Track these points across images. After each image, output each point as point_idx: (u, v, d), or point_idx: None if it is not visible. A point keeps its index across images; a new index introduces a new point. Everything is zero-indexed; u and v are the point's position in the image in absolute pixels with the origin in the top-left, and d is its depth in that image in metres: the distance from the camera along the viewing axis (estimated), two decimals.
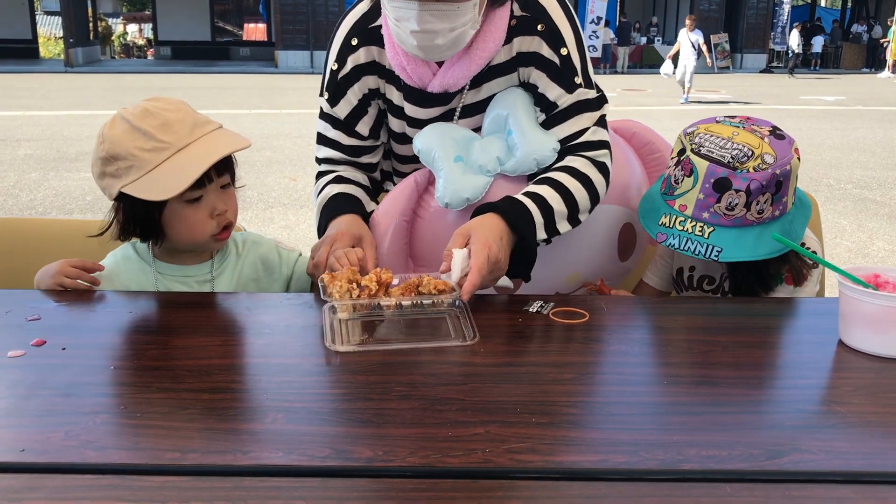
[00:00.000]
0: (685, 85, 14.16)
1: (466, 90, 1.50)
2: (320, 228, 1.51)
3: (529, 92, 1.50)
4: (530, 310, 1.29)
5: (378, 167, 1.66)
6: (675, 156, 1.46)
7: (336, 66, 1.53)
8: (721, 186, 1.38)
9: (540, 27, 1.45)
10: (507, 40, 1.45)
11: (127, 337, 1.20)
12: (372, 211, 1.54)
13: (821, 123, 11.56)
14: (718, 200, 1.39)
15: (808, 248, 1.47)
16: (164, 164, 1.32)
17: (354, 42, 1.51)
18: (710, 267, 1.55)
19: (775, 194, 1.39)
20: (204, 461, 0.83)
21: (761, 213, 1.38)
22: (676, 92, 14.39)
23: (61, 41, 25.33)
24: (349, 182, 1.58)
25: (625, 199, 1.57)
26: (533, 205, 1.38)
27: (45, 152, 8.14)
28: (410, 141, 1.55)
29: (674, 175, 1.45)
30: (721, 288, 1.56)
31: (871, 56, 26.47)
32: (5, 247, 1.70)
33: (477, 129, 1.54)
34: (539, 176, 1.45)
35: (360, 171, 1.62)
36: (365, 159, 1.61)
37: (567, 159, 1.46)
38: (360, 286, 1.25)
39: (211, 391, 0.99)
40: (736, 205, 1.37)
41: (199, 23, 26.82)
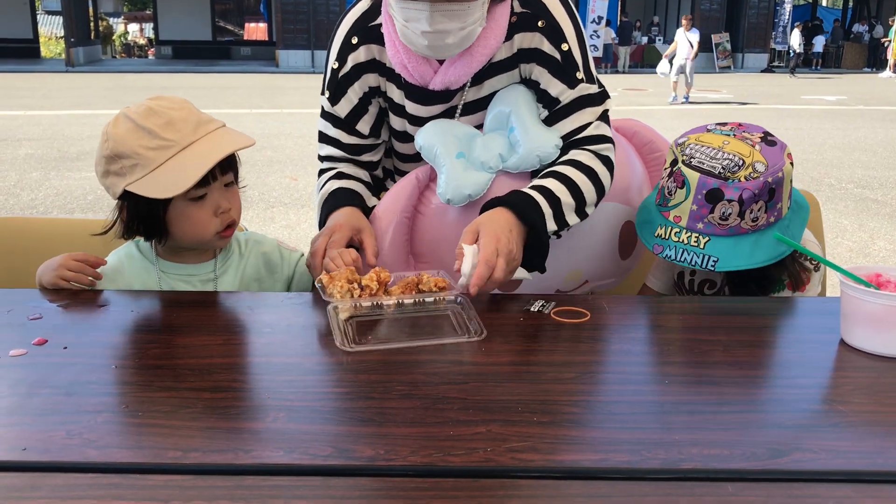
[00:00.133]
0: (686, 83, 14.10)
1: (468, 87, 1.50)
2: (321, 222, 1.52)
3: (531, 88, 1.50)
4: (532, 309, 1.29)
5: (379, 165, 1.66)
6: (668, 167, 1.46)
7: (336, 65, 1.54)
8: (713, 197, 1.38)
9: (540, 23, 1.45)
10: (508, 37, 1.46)
11: (129, 336, 1.20)
12: (373, 206, 1.54)
13: (822, 123, 11.56)
14: (712, 211, 1.39)
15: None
16: (169, 163, 1.32)
17: (354, 41, 1.51)
18: (710, 272, 1.55)
19: (769, 202, 1.39)
20: (205, 460, 0.83)
21: (756, 221, 1.39)
22: (680, 91, 14.33)
23: (62, 41, 25.34)
24: (350, 178, 1.58)
25: (626, 197, 1.57)
26: (540, 196, 1.38)
27: (46, 152, 8.15)
28: (411, 139, 1.56)
29: (667, 187, 1.46)
30: (722, 292, 1.55)
31: (872, 56, 26.45)
32: (6, 246, 1.70)
33: (479, 127, 1.54)
34: (543, 171, 1.45)
35: (361, 168, 1.62)
36: (365, 157, 1.61)
37: (571, 153, 1.46)
38: (361, 286, 1.25)
39: (212, 390, 0.99)
40: (729, 214, 1.38)
41: (200, 22, 26.82)
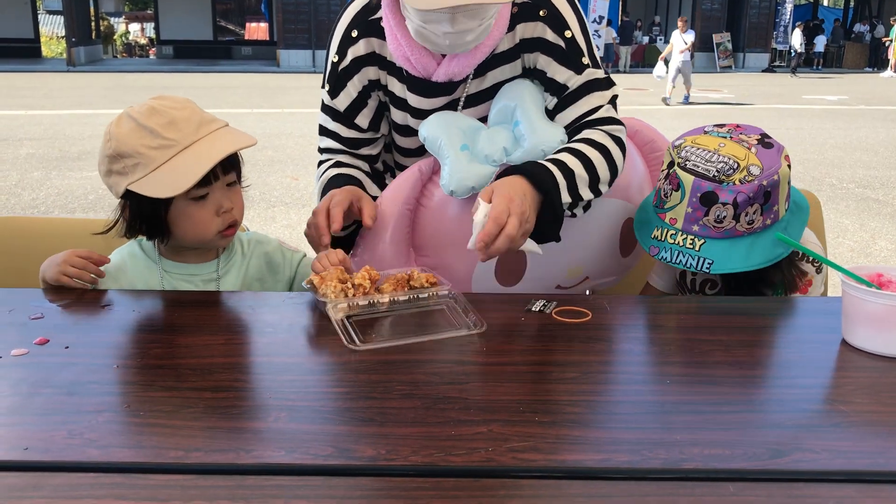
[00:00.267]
0: (683, 84, 14.00)
1: (470, 80, 1.50)
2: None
3: (537, 79, 1.50)
4: (533, 309, 1.29)
5: (378, 158, 1.66)
6: (665, 169, 1.47)
7: (336, 59, 1.54)
8: (708, 200, 1.38)
9: (542, 13, 1.46)
10: (510, 27, 1.46)
11: (130, 335, 1.21)
12: (372, 196, 1.54)
13: (823, 123, 11.55)
14: (706, 214, 1.39)
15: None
16: (170, 162, 1.32)
17: (354, 34, 1.52)
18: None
19: (764, 204, 1.38)
20: (207, 460, 0.83)
21: (751, 224, 1.39)
22: (679, 91, 14.29)
23: (63, 40, 25.36)
24: (349, 166, 1.59)
25: (627, 195, 1.57)
26: (555, 167, 1.37)
27: (47, 151, 8.15)
28: (413, 133, 1.56)
29: (663, 189, 1.46)
30: (724, 291, 1.55)
31: (873, 55, 26.43)
32: (8, 246, 1.70)
33: (481, 119, 1.53)
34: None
35: (360, 160, 1.63)
36: (364, 151, 1.61)
37: (584, 132, 1.46)
38: (354, 285, 1.26)
39: (214, 390, 0.99)
40: (724, 217, 1.38)
41: (201, 22, 26.83)
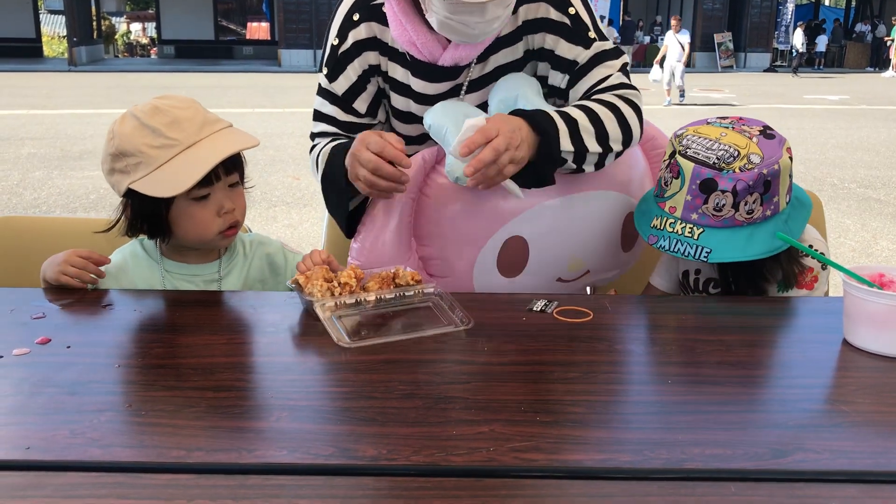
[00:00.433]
0: (676, 86, 13.75)
1: (473, 65, 1.51)
2: (334, 168, 1.46)
3: (544, 58, 1.51)
4: (534, 308, 1.29)
5: None
6: (667, 158, 1.46)
7: (336, 42, 1.52)
8: (707, 187, 1.37)
9: None
10: (513, 10, 1.46)
11: (132, 335, 1.21)
12: None
13: (824, 123, 11.54)
14: (706, 202, 1.38)
15: (814, 249, 1.46)
16: (172, 162, 1.33)
17: (356, 17, 1.51)
18: (715, 270, 1.54)
19: (764, 194, 1.38)
20: (209, 459, 0.83)
21: (751, 214, 1.38)
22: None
23: (65, 40, 25.36)
24: (349, 139, 1.53)
25: (628, 188, 1.57)
26: (555, 113, 1.38)
27: (48, 151, 8.16)
28: (415, 120, 1.55)
29: (664, 177, 1.46)
30: (725, 292, 1.55)
31: (875, 55, 26.41)
32: (9, 245, 1.70)
33: (481, 106, 1.53)
34: None
35: None
36: None
37: (595, 95, 1.47)
38: (340, 283, 1.26)
39: (216, 389, 0.99)
40: (723, 205, 1.37)
41: (202, 22, 26.84)
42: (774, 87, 18.24)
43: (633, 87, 1.50)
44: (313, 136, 1.62)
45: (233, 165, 1.41)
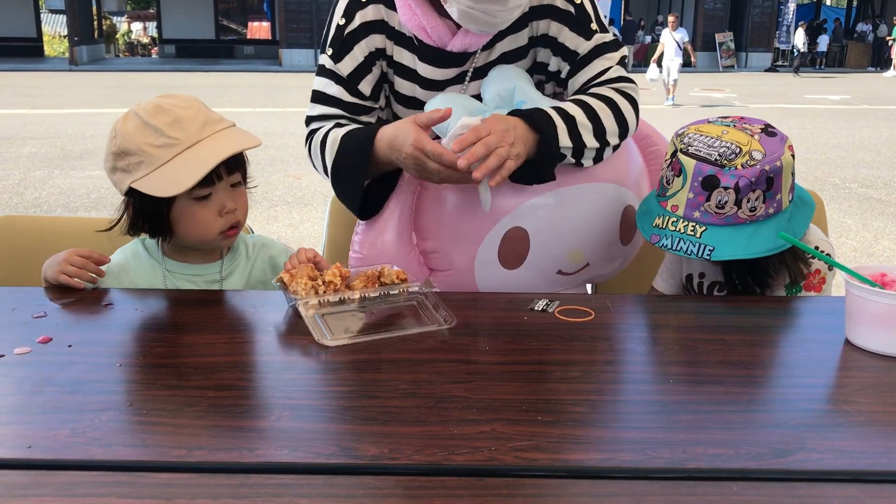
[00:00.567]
0: (668, 86, 13.56)
1: (479, 52, 1.51)
2: (352, 152, 1.44)
3: (547, 45, 1.52)
4: (536, 308, 1.29)
5: None
6: (668, 158, 1.46)
7: (343, 21, 1.50)
8: (709, 184, 1.37)
9: None
10: None
11: (133, 334, 1.21)
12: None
13: (826, 122, 11.54)
14: (708, 199, 1.38)
15: (820, 251, 1.45)
16: (173, 161, 1.33)
17: None
18: (719, 273, 1.54)
19: (767, 191, 1.37)
20: (210, 458, 0.83)
21: (754, 211, 1.37)
22: (682, 90, 14.23)
23: (66, 39, 25.37)
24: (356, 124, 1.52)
25: (625, 181, 1.57)
26: (553, 111, 1.39)
27: (49, 150, 8.16)
28: (420, 105, 1.55)
29: (665, 176, 1.45)
30: (730, 293, 1.54)
31: (876, 55, 26.39)
32: (10, 245, 1.70)
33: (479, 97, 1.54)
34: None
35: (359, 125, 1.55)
36: (364, 118, 1.56)
37: (592, 89, 1.49)
38: (325, 282, 1.26)
39: (217, 388, 0.99)
40: (726, 202, 1.37)
41: (203, 21, 26.85)
42: (776, 86, 18.23)
43: (631, 81, 1.52)
44: (311, 119, 1.57)
45: (235, 165, 1.41)
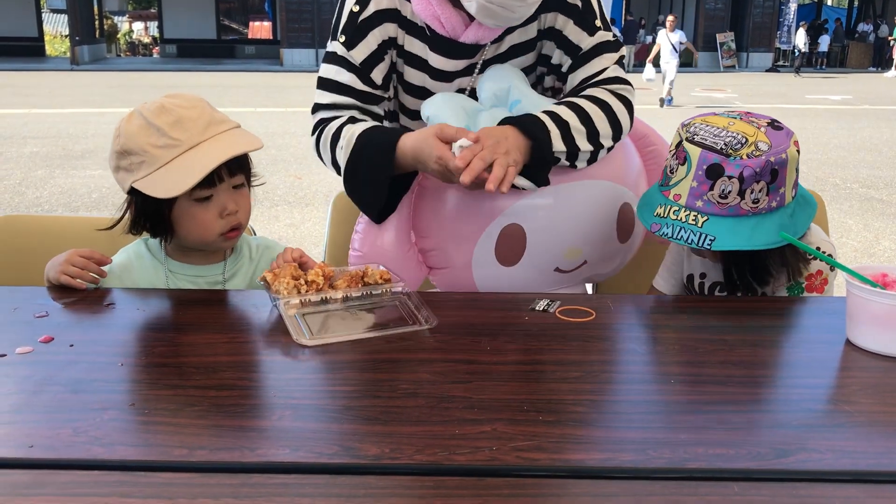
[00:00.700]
0: (665, 86, 13.41)
1: (489, 44, 1.52)
2: (370, 161, 1.43)
3: (552, 38, 1.53)
4: (537, 308, 1.29)
5: (382, 122, 1.61)
6: (673, 149, 1.46)
7: (357, 8, 1.49)
8: (713, 173, 1.36)
9: None
10: None
11: (135, 334, 1.21)
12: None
13: (827, 123, 11.53)
14: (711, 188, 1.37)
15: (822, 251, 1.45)
16: (174, 162, 1.32)
17: None
18: (720, 273, 1.53)
19: (771, 183, 1.37)
20: (211, 458, 0.83)
21: (757, 203, 1.37)
22: (683, 90, 14.18)
23: (67, 39, 25.38)
24: (370, 121, 1.51)
25: (622, 179, 1.57)
26: (546, 117, 1.40)
27: (51, 150, 8.17)
28: (429, 95, 1.55)
29: (669, 165, 1.45)
30: (735, 295, 1.53)
31: (877, 55, 26.37)
32: (11, 244, 1.70)
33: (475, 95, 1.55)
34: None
35: (370, 118, 1.55)
36: (375, 109, 1.55)
37: (587, 91, 1.50)
38: (307, 281, 1.27)
39: (218, 388, 0.99)
40: (729, 192, 1.36)
41: (204, 21, 26.85)
42: (777, 86, 18.23)
43: (627, 82, 1.53)
44: (319, 106, 1.54)
45: (237, 167, 1.41)
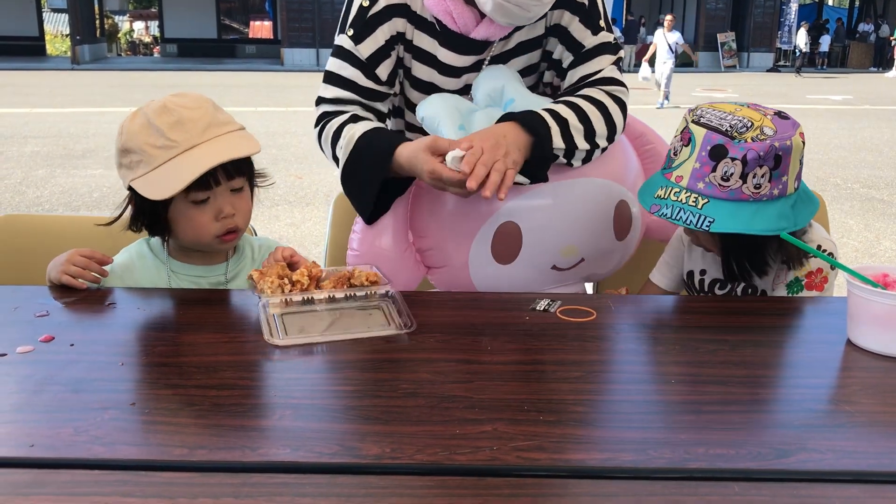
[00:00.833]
0: (662, 89, 13.16)
1: (497, 41, 1.53)
2: (375, 152, 1.43)
3: (557, 35, 1.54)
4: (538, 308, 1.29)
5: (384, 120, 1.62)
6: (678, 133, 1.45)
7: (367, 3, 1.49)
8: (717, 154, 1.35)
9: None
10: None
11: (135, 333, 1.21)
12: None
13: (828, 123, 11.53)
14: (714, 169, 1.36)
15: (823, 249, 1.44)
16: (169, 163, 1.32)
17: None
18: (720, 269, 1.53)
19: (774, 169, 1.36)
20: (212, 457, 0.83)
21: (758, 189, 1.36)
22: (684, 89, 14.14)
23: (68, 38, 25.38)
24: (371, 121, 1.51)
25: (618, 176, 1.57)
26: (545, 113, 1.41)
27: (51, 149, 8.17)
28: (436, 91, 1.56)
29: (674, 148, 1.44)
30: (734, 292, 1.54)
31: (878, 55, 26.36)
32: (12, 243, 1.70)
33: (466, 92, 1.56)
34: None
35: (372, 115, 1.56)
36: (378, 105, 1.56)
37: (584, 90, 1.51)
38: (292, 281, 1.27)
39: (219, 388, 0.99)
40: (731, 175, 1.35)
41: (205, 20, 26.86)
42: (777, 86, 18.22)
43: (623, 84, 1.55)
44: (322, 99, 1.56)
45: (236, 170, 1.40)
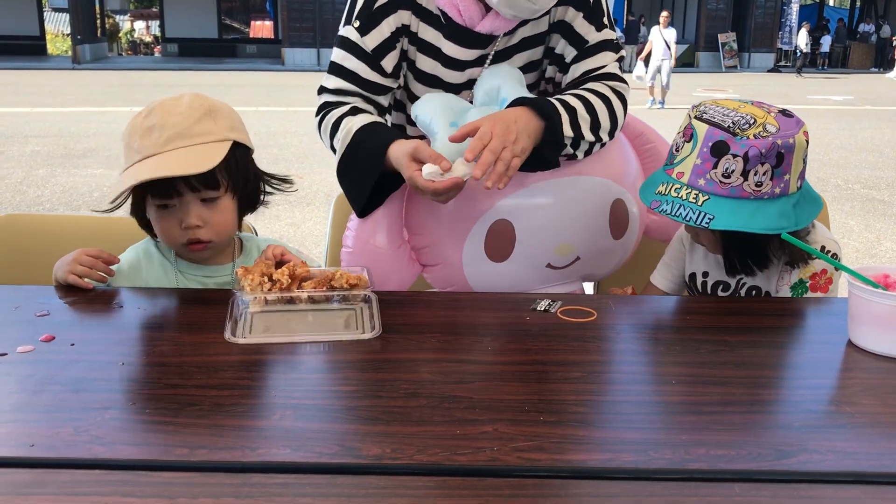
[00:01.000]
0: (661, 87, 12.95)
1: (501, 35, 1.53)
2: (370, 148, 1.42)
3: (561, 30, 1.55)
4: (538, 308, 1.29)
5: (385, 114, 1.62)
6: (681, 130, 1.45)
7: None
8: (718, 150, 1.35)
9: None
10: None
11: (136, 333, 1.21)
12: None
13: (828, 123, 11.53)
14: (715, 166, 1.35)
15: (827, 250, 1.44)
16: (131, 168, 1.36)
17: None
18: (723, 272, 1.52)
19: (776, 167, 1.35)
20: (212, 457, 0.83)
21: (759, 187, 1.35)
22: (685, 90, 14.10)
23: (69, 38, 25.38)
24: (372, 114, 1.51)
25: (616, 176, 1.57)
26: (555, 100, 1.42)
27: (52, 149, 8.17)
28: (440, 84, 1.57)
29: (676, 143, 1.44)
30: (737, 294, 1.53)
31: (879, 55, 26.34)
32: (13, 243, 1.70)
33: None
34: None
35: (374, 108, 1.55)
36: (380, 99, 1.56)
37: (588, 84, 1.52)
38: (272, 280, 1.27)
39: (219, 388, 0.99)
40: (732, 171, 1.34)
41: (206, 20, 26.85)
42: (778, 87, 18.21)
43: (624, 80, 1.57)
44: (324, 89, 1.56)
45: (205, 182, 1.36)
